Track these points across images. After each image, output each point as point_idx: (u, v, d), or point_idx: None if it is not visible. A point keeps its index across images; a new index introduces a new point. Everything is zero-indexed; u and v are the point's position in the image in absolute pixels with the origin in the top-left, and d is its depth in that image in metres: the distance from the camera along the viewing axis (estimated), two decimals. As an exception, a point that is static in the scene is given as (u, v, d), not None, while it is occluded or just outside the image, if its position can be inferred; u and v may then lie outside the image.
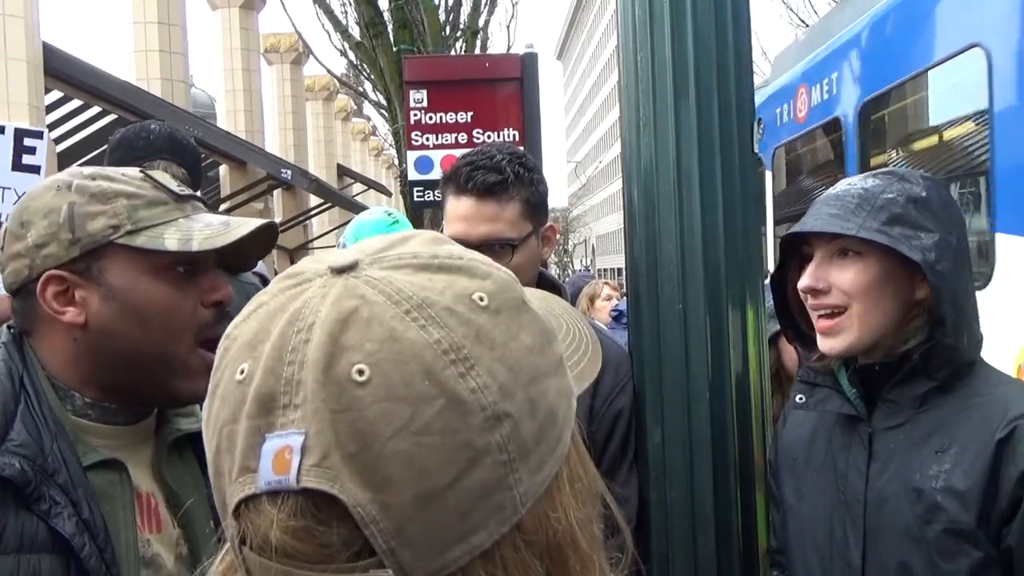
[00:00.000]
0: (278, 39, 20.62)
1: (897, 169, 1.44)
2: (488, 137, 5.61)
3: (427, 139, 5.69)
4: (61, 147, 9.79)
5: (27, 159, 3.01)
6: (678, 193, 1.70)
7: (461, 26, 11.28)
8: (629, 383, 1.79)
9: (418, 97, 5.69)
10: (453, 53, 10.70)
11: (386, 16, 10.08)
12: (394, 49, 9.64)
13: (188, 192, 1.15)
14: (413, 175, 5.79)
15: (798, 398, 1.49)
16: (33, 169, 3.00)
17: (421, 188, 5.78)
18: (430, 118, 5.67)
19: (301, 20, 22.06)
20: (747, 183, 1.74)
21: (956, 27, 3.87)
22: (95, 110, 10.01)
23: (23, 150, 3.00)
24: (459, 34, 11.25)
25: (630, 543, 0.64)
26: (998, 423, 1.25)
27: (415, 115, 5.69)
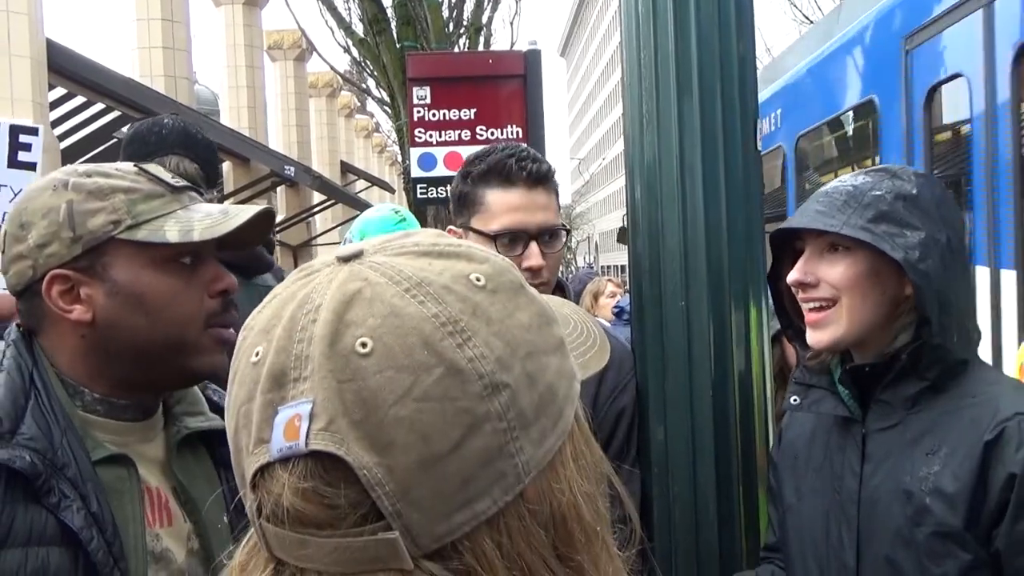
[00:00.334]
0: (281, 36, 20.65)
1: (892, 166, 1.43)
2: (491, 134, 5.60)
3: (430, 136, 5.69)
4: (64, 144, 9.78)
5: (23, 156, 2.95)
6: (681, 190, 1.70)
7: (464, 23, 11.29)
8: (632, 380, 1.79)
9: (421, 94, 5.69)
10: (456, 50, 10.70)
11: (389, 13, 10.10)
12: (397, 46, 9.66)
13: (183, 183, 1.15)
14: (416, 172, 5.79)
15: (792, 399, 1.49)
16: (29, 166, 2.95)
17: (424, 185, 5.78)
18: (433, 115, 5.67)
19: (304, 17, 22.18)
20: (750, 180, 1.74)
21: (859, 82, 4.87)
22: (98, 107, 9.99)
23: (18, 146, 2.94)
24: (462, 31, 11.26)
25: (636, 522, 0.66)
26: (987, 425, 1.25)
27: (418, 112, 5.69)
